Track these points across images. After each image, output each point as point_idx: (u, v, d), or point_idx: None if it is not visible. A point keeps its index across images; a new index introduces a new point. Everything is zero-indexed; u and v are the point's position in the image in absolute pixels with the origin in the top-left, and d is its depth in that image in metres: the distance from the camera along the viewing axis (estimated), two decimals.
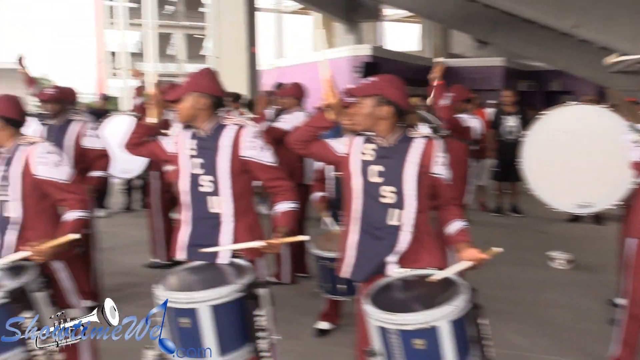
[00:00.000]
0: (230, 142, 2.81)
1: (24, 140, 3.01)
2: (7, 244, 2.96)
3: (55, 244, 2.78)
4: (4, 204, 2.97)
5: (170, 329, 2.51)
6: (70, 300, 3.01)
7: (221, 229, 2.83)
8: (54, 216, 3.03)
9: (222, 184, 2.80)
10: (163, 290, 2.46)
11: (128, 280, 5.57)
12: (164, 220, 5.83)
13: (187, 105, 2.81)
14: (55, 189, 2.94)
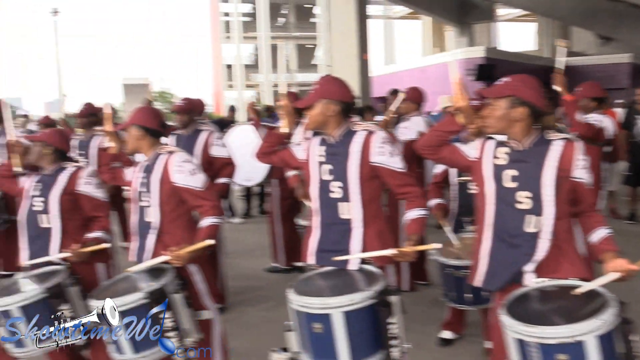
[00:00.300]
0: (360, 147, 2.80)
1: (163, 150, 3.19)
2: (148, 247, 3.14)
3: (193, 249, 2.92)
4: (145, 209, 3.15)
5: (302, 333, 2.53)
6: (204, 302, 3.14)
7: (351, 234, 2.83)
8: (189, 222, 3.19)
9: (352, 190, 2.80)
10: (295, 294, 2.48)
11: (250, 284, 5.74)
12: (284, 226, 5.95)
13: (316, 112, 2.84)
14: (192, 195, 3.09)
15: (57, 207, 3.36)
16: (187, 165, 3.10)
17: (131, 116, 3.24)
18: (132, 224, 3.27)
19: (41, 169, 3.47)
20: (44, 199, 3.37)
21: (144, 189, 3.16)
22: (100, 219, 3.46)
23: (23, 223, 3.44)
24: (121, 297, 2.77)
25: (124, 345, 2.79)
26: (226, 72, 44.86)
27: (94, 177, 3.50)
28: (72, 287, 3.17)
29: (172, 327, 2.80)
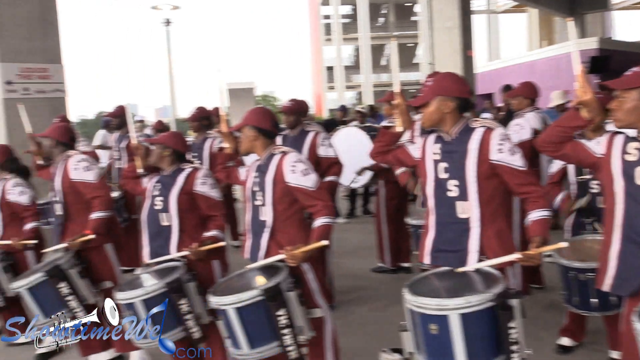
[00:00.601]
0: (478, 145, 2.71)
1: (276, 150, 3.25)
2: (261, 246, 3.21)
3: (308, 250, 2.95)
4: (259, 208, 3.23)
5: (417, 333, 2.49)
6: (317, 300, 3.17)
7: (469, 234, 2.74)
8: (301, 220, 3.23)
9: (469, 189, 2.72)
10: (411, 295, 2.44)
11: (356, 283, 5.74)
12: (390, 226, 5.91)
13: (432, 110, 2.78)
14: (304, 195, 3.12)
15: (175, 206, 3.51)
16: (300, 166, 3.14)
17: (245, 117, 3.33)
18: (246, 222, 3.36)
19: (161, 170, 3.64)
20: (164, 198, 3.55)
21: (257, 189, 3.24)
22: (215, 217, 3.58)
23: (145, 221, 3.63)
24: (238, 294, 2.84)
25: (241, 340, 2.87)
26: (326, 74, 45.37)
27: (209, 178, 3.63)
28: (190, 282, 3.32)
29: (286, 324, 2.84)
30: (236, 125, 3.38)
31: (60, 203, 4.00)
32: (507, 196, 2.83)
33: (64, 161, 4.02)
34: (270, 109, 3.51)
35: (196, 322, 3.28)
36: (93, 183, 3.94)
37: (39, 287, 3.75)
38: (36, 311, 3.78)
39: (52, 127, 4.25)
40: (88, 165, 3.98)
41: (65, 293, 3.73)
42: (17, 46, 7.63)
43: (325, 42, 45.36)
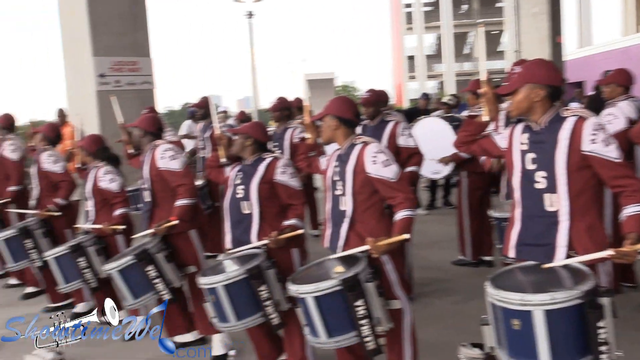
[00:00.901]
0: (569, 135, 2.59)
1: (358, 140, 3.24)
2: (341, 235, 3.21)
3: (390, 242, 2.92)
4: (339, 198, 3.23)
5: (498, 328, 2.42)
6: (395, 291, 3.14)
7: (557, 228, 2.62)
8: (381, 211, 3.21)
9: (559, 180, 2.60)
10: (493, 288, 2.37)
11: (436, 275, 5.65)
12: (472, 218, 5.77)
13: (521, 98, 2.68)
14: (385, 186, 3.10)
15: (256, 195, 3.58)
16: (381, 156, 3.11)
17: (327, 106, 3.33)
18: (326, 211, 3.37)
19: (243, 159, 3.72)
20: (245, 187, 3.62)
21: (337, 178, 3.24)
22: (295, 206, 3.62)
23: (227, 209, 3.73)
24: (316, 283, 2.86)
25: (319, 328, 2.89)
26: (407, 64, 44.81)
27: (290, 167, 3.67)
28: (269, 270, 3.38)
29: (364, 315, 2.84)
30: (317, 114, 3.38)
31: (148, 190, 4.18)
32: (599, 189, 2.68)
33: (152, 150, 4.18)
34: (352, 99, 3.49)
35: (275, 308, 3.34)
36: (178, 171, 4.08)
37: (128, 270, 3.94)
38: (126, 292, 3.98)
39: (141, 117, 4.43)
40: (174, 154, 4.12)
41: (153, 276, 3.90)
42: (109, 41, 8.00)
43: (406, 31, 44.77)
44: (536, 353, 2.26)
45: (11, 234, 5.13)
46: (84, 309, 5.18)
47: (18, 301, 5.77)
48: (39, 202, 5.29)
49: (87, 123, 7.84)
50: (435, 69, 45.92)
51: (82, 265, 4.51)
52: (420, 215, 8.50)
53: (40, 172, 5.26)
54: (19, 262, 5.24)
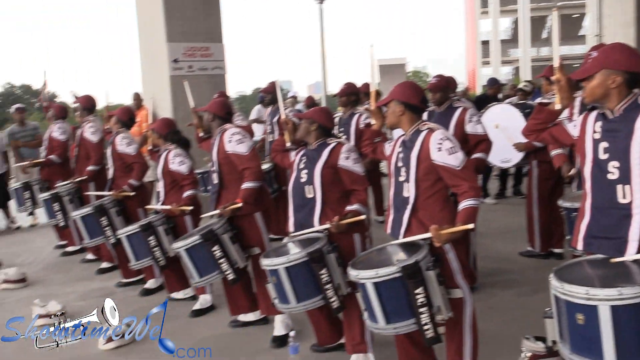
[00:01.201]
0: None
1: (423, 126, 3.19)
2: (403, 222, 3.18)
3: (453, 231, 2.87)
4: (402, 184, 3.20)
5: (561, 321, 2.34)
6: (457, 280, 3.09)
7: (630, 221, 2.49)
8: (445, 199, 3.15)
9: (633, 171, 2.46)
10: (557, 281, 2.30)
11: (501, 266, 5.52)
12: (541, 209, 5.59)
13: (596, 84, 2.56)
14: (449, 174, 3.03)
15: (319, 179, 3.60)
16: (446, 143, 3.04)
17: (392, 91, 3.29)
18: (389, 197, 3.34)
19: (308, 144, 3.76)
20: (309, 171, 3.65)
21: (401, 164, 3.21)
22: (358, 192, 3.62)
23: (291, 193, 3.78)
24: (376, 269, 2.86)
25: (378, 314, 2.89)
26: (481, 49, 43.62)
27: (353, 152, 3.66)
28: (330, 254, 3.40)
29: (424, 303, 2.82)
30: (383, 100, 3.35)
31: (216, 173, 4.29)
32: None
33: (221, 134, 4.28)
34: (418, 84, 3.43)
35: (335, 292, 3.37)
36: (245, 155, 4.16)
37: (195, 249, 4.08)
38: (192, 271, 4.13)
39: (211, 102, 4.54)
40: (241, 138, 4.20)
41: (218, 256, 4.01)
42: (183, 27, 8.23)
43: (481, 15, 43.54)
44: (600, 350, 2.18)
45: (88, 211, 5.39)
46: (154, 285, 5.40)
47: (94, 275, 6.08)
48: (113, 182, 5.54)
49: (160, 107, 8.13)
50: (511, 54, 44.48)
51: (152, 244, 4.70)
52: (489, 204, 8.32)
53: (115, 154, 5.49)
54: (94, 239, 5.51)
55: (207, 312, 4.75)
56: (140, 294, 5.32)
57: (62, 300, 4.91)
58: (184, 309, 4.80)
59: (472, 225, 2.87)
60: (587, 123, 2.67)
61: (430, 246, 2.96)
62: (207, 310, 4.77)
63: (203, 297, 4.83)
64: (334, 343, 3.88)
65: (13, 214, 8.55)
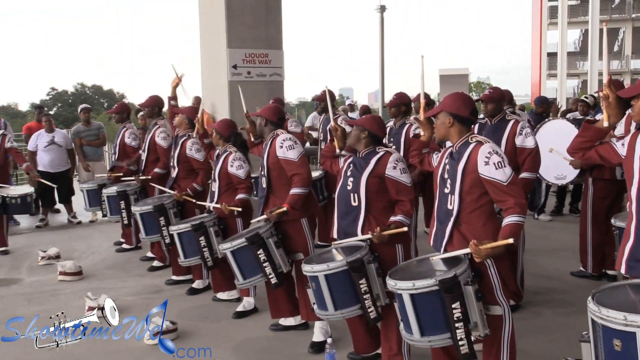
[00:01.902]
0: None
1: (472, 139, 3.13)
2: (446, 234, 3.14)
3: (494, 246, 2.81)
4: (447, 196, 3.16)
5: (597, 346, 2.28)
6: (497, 296, 3.02)
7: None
8: (490, 214, 3.08)
9: None
10: (595, 304, 2.25)
11: (551, 285, 5.38)
12: (595, 229, 5.41)
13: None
14: (496, 189, 2.95)
15: (364, 188, 3.60)
16: (494, 157, 2.97)
17: (442, 102, 3.26)
18: (435, 209, 3.31)
19: (357, 151, 3.78)
20: (355, 179, 3.66)
21: (447, 176, 3.17)
22: (403, 203, 3.59)
23: (337, 200, 3.79)
24: (414, 280, 2.85)
25: (413, 325, 2.88)
26: (547, 61, 42.45)
27: (401, 162, 3.64)
28: (371, 264, 3.41)
29: (459, 318, 2.77)
30: (432, 110, 3.32)
31: (265, 177, 4.37)
32: None
33: (272, 139, 4.35)
34: (469, 95, 3.37)
35: (373, 302, 3.37)
36: (295, 161, 4.20)
37: (241, 251, 4.15)
38: (237, 272, 4.22)
39: (265, 107, 4.62)
40: (292, 144, 4.23)
41: (262, 259, 4.07)
42: (243, 33, 8.40)
43: (548, 27, 42.41)
44: None
45: (148, 209, 5.50)
46: (201, 285, 5.53)
47: (147, 272, 6.28)
48: (176, 182, 5.64)
49: (218, 111, 8.33)
50: (579, 67, 43.10)
51: (202, 244, 4.81)
52: (544, 221, 8.11)
53: (182, 156, 5.58)
54: (150, 235, 5.64)
55: (249, 315, 4.83)
56: (187, 293, 5.47)
57: (113, 295, 5.10)
58: (228, 310, 4.90)
59: (512, 241, 2.79)
60: (637, 143, 2.60)
61: (470, 260, 2.93)
62: (250, 313, 4.84)
63: (247, 299, 4.91)
64: (371, 352, 3.87)
65: (74, 209, 8.91)
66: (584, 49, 41.25)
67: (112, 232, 7.85)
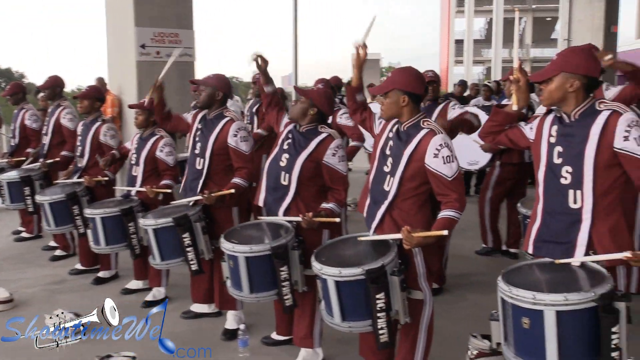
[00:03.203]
0: (600, 129, 2.46)
1: (425, 124, 2.95)
2: (377, 217, 3.04)
3: (427, 236, 2.77)
4: (386, 175, 3.03)
5: (507, 324, 2.36)
6: (420, 283, 3.02)
7: (579, 226, 2.52)
8: (423, 202, 3.01)
9: (585, 177, 2.49)
10: (505, 284, 2.31)
11: (459, 264, 5.50)
12: (493, 208, 5.76)
13: (554, 87, 2.56)
14: (439, 182, 2.88)
15: (298, 171, 3.44)
16: (445, 151, 2.85)
17: (393, 79, 3.02)
18: (368, 181, 3.17)
19: (298, 123, 3.56)
20: (290, 157, 3.47)
21: (389, 154, 3.02)
22: (338, 191, 3.47)
23: (266, 169, 3.60)
24: (341, 268, 2.78)
25: (335, 310, 2.86)
26: (454, 47, 43.92)
27: (341, 150, 3.48)
28: (295, 250, 3.32)
29: (383, 308, 2.76)
30: (380, 87, 3.06)
31: (205, 160, 4.03)
32: (629, 189, 2.56)
33: (226, 122, 3.98)
34: (419, 71, 3.12)
35: (291, 290, 3.30)
36: (246, 154, 3.99)
37: (164, 231, 3.94)
38: (155, 251, 4.01)
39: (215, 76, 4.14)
40: (246, 135, 4.02)
41: (187, 243, 3.89)
42: (152, 12, 8.03)
43: (456, 14, 43.82)
44: (544, 354, 2.21)
45: (60, 198, 5.09)
46: (107, 275, 5.30)
47: (47, 262, 5.94)
48: (85, 170, 5.27)
49: (126, 93, 7.95)
50: (484, 55, 44.95)
51: (131, 230, 4.53)
52: None
53: (95, 143, 5.24)
54: (61, 226, 5.23)
55: (159, 304, 4.62)
56: (93, 283, 5.22)
57: (12, 287, 4.79)
58: (137, 300, 4.75)
59: (447, 232, 2.76)
60: (544, 126, 2.67)
61: (399, 247, 2.88)
62: (160, 302, 4.63)
63: (157, 289, 4.74)
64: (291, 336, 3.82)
65: None
66: (489, 37, 42.99)
67: (10, 220, 7.35)
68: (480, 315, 4.24)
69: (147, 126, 4.71)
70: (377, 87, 3.17)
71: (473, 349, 3.56)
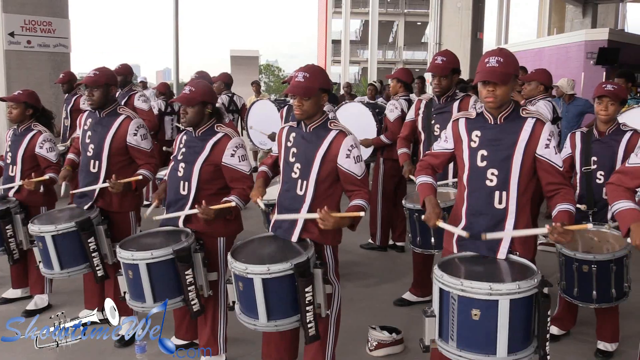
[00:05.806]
0: (528, 136, 2.64)
1: (333, 125, 3.02)
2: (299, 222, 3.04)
3: (343, 216, 2.85)
4: (297, 181, 3.04)
5: (450, 319, 2.38)
6: (331, 277, 3.07)
7: (504, 224, 2.67)
8: (338, 201, 3.06)
9: (512, 179, 2.66)
10: (456, 278, 2.35)
11: (348, 258, 5.58)
12: (385, 205, 5.84)
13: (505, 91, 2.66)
14: (350, 180, 2.98)
15: (197, 177, 3.29)
16: (355, 151, 2.95)
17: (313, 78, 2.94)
18: (278, 195, 3.15)
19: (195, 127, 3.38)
20: (187, 165, 3.33)
21: (295, 160, 3.03)
22: (240, 189, 3.33)
23: (168, 183, 3.46)
24: (269, 264, 2.71)
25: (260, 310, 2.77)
26: (332, 47, 44.89)
27: (241, 149, 3.34)
28: (197, 252, 3.20)
29: (310, 301, 2.77)
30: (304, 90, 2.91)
31: (101, 161, 3.82)
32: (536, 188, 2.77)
33: (122, 120, 3.81)
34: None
35: (197, 294, 3.17)
36: (147, 152, 3.84)
37: (66, 237, 3.62)
38: (53, 260, 3.67)
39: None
40: (146, 133, 3.88)
41: (93, 248, 3.63)
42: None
43: (333, 15, 44.79)
44: (494, 343, 2.29)
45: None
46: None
47: None
48: None
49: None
50: (359, 55, 46.39)
51: (9, 233, 4.13)
52: None
53: None
54: None
55: (41, 312, 4.29)
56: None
57: None
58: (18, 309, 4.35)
59: (363, 213, 2.87)
60: (460, 132, 2.80)
61: (317, 245, 2.95)
62: (42, 311, 4.31)
63: (39, 296, 4.38)
64: (191, 340, 3.71)
65: None
66: (364, 38, 44.42)
67: None
68: (375, 307, 4.41)
69: (23, 120, 4.30)
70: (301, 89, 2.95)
71: (373, 340, 3.68)
